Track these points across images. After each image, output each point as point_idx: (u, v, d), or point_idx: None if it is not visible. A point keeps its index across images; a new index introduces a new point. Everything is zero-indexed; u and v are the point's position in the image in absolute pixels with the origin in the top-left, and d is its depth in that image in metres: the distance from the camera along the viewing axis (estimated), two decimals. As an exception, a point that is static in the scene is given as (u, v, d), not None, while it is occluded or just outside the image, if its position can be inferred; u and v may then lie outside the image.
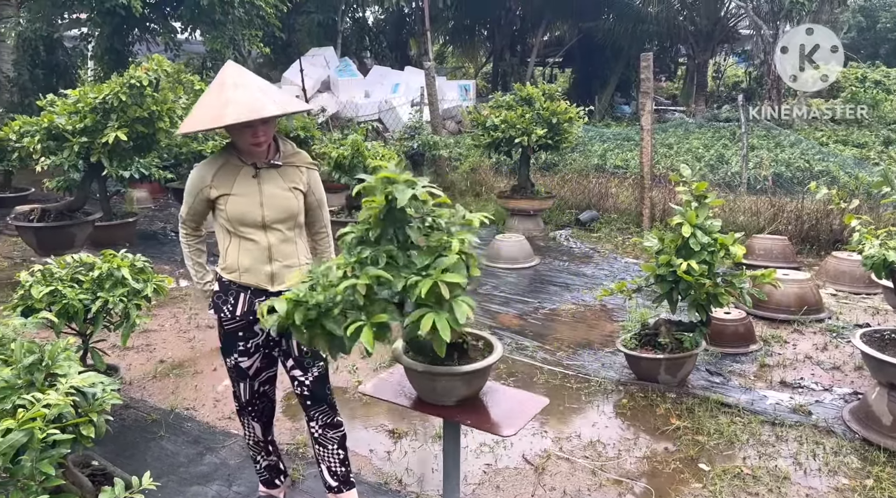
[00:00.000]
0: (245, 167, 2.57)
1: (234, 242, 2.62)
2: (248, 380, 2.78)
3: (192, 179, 2.62)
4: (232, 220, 2.56)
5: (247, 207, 2.55)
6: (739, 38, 22.13)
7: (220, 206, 2.58)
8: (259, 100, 2.41)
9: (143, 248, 6.87)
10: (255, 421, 2.88)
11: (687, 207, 3.97)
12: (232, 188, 2.55)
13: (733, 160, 10.84)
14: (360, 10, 20.88)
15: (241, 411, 2.88)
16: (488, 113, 8.53)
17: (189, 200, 2.66)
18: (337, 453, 2.83)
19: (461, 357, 2.41)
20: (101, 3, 9.94)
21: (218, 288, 2.70)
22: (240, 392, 2.81)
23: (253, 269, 2.60)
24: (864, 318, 5.50)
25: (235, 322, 2.68)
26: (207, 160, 2.64)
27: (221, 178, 2.56)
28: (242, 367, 2.74)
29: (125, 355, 4.76)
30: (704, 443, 3.60)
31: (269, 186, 2.58)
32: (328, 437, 2.81)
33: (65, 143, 6.02)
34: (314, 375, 2.74)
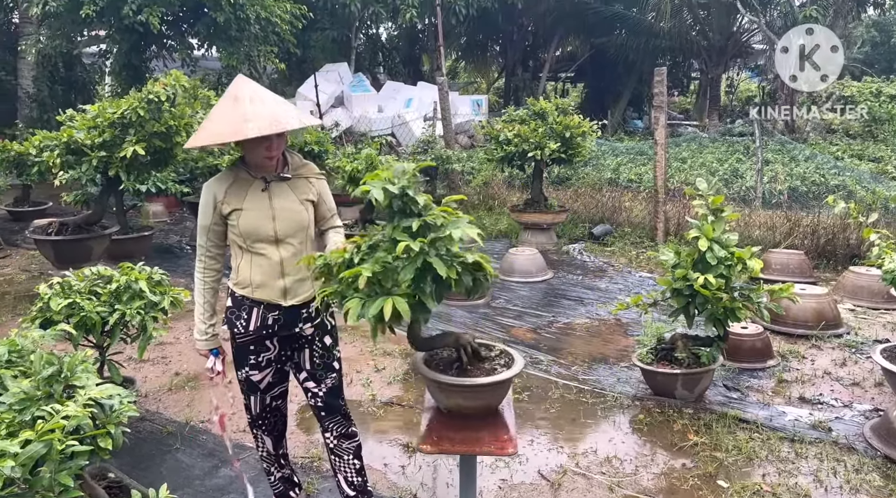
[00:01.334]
0: (255, 182, 2.58)
1: (245, 258, 2.62)
2: (260, 393, 2.77)
3: (205, 197, 2.61)
4: (244, 235, 2.56)
5: (259, 222, 2.55)
6: (752, 53, 22.09)
7: (231, 221, 2.58)
8: (278, 113, 2.42)
9: (159, 261, 6.89)
10: (267, 435, 2.87)
11: (703, 221, 3.95)
12: (243, 203, 2.55)
13: (748, 174, 10.80)
14: (374, 26, 21.07)
15: (252, 424, 2.87)
16: (501, 127, 8.55)
17: (205, 222, 2.62)
18: (353, 464, 2.84)
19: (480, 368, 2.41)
20: (120, 21, 10.11)
21: (230, 303, 2.69)
22: (251, 405, 2.80)
23: (266, 284, 2.60)
24: (883, 333, 5.43)
25: (248, 336, 2.67)
26: (217, 177, 2.64)
27: (233, 194, 2.56)
28: (253, 380, 2.73)
29: (141, 367, 4.78)
30: (723, 459, 3.56)
31: (280, 200, 2.58)
32: (343, 447, 2.82)
33: (83, 158, 6.10)
34: (328, 387, 2.75)
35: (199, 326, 2.74)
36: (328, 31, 17.32)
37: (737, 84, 23.96)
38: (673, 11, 18.42)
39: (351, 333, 5.49)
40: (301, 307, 2.66)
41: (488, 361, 2.49)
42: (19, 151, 7.02)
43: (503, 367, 2.45)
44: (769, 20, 16.98)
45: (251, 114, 2.40)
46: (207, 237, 2.65)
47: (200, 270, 2.71)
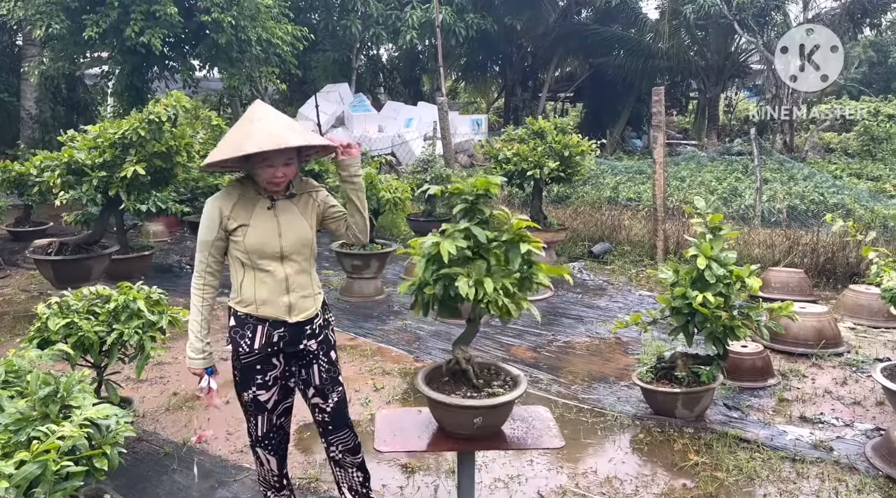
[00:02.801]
0: (261, 199, 2.59)
1: (248, 275, 2.60)
2: (267, 413, 2.74)
3: (209, 212, 2.59)
4: (250, 251, 2.56)
5: (265, 238, 2.55)
6: (750, 73, 22.28)
7: (236, 237, 2.56)
8: (280, 132, 2.43)
9: (159, 280, 6.89)
10: (272, 454, 2.83)
11: (702, 239, 3.95)
12: (250, 219, 2.55)
13: (747, 193, 10.83)
14: (375, 47, 21.28)
15: (256, 445, 2.83)
16: (500, 146, 8.59)
17: (208, 237, 2.60)
18: (357, 476, 2.85)
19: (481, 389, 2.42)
20: (123, 42, 10.22)
21: (234, 322, 2.66)
22: (257, 426, 2.76)
23: (270, 301, 2.59)
24: (884, 352, 5.41)
25: (254, 356, 2.65)
26: (222, 192, 2.63)
27: (239, 210, 2.56)
28: (261, 400, 2.70)
29: (139, 387, 4.76)
30: (723, 479, 3.53)
31: (286, 217, 2.60)
32: (348, 461, 2.83)
33: (84, 178, 6.12)
34: (334, 401, 2.76)
35: (194, 345, 2.70)
36: (329, 53, 17.50)
37: (735, 103, 24.11)
38: (671, 32, 18.61)
39: (349, 352, 5.48)
40: (305, 324, 2.66)
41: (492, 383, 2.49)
42: (20, 172, 7.06)
43: (507, 388, 2.46)
44: (766, 40, 17.13)
45: (253, 132, 2.43)
46: (209, 252, 2.62)
47: (199, 286, 2.67)
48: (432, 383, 2.57)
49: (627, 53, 19.66)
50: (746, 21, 16.29)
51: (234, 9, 10.63)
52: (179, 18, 10.21)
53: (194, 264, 2.68)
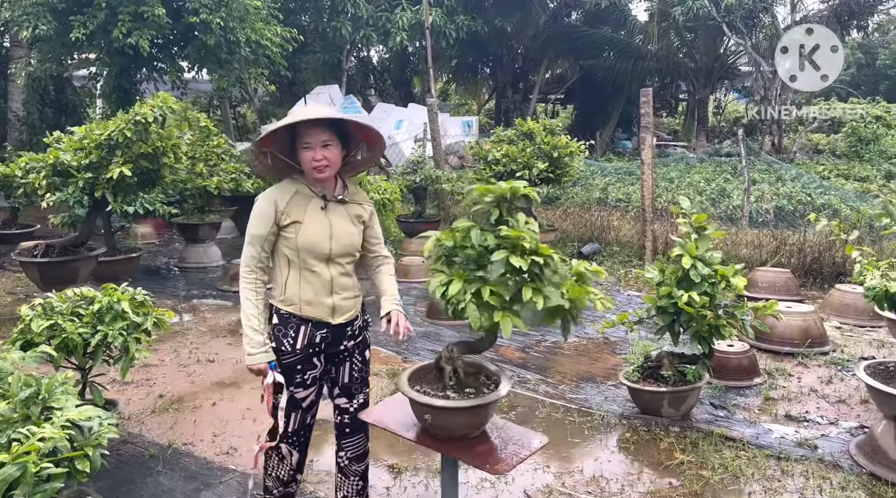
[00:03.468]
0: (315, 198, 2.58)
1: (294, 274, 2.58)
2: (301, 411, 2.71)
3: (263, 206, 2.54)
4: (300, 249, 2.53)
5: (317, 238, 2.54)
6: (739, 75, 22.41)
7: (288, 234, 2.53)
8: (322, 111, 2.51)
9: (146, 283, 6.86)
10: (297, 450, 2.78)
11: (687, 239, 3.97)
12: (304, 217, 2.54)
13: (735, 194, 10.88)
14: (365, 49, 21.28)
15: (279, 442, 2.73)
16: (490, 147, 8.61)
17: (261, 232, 2.54)
18: (356, 483, 2.86)
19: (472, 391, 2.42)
20: (110, 44, 10.17)
21: (276, 321, 2.63)
22: (288, 423, 2.71)
23: (315, 301, 2.57)
24: (869, 350, 5.44)
25: (296, 355, 2.61)
26: (278, 187, 2.60)
27: (294, 206, 2.54)
28: (297, 398, 2.67)
29: (125, 390, 4.73)
30: (709, 478, 3.54)
31: (337, 220, 2.60)
32: (353, 469, 2.84)
33: (70, 179, 6.09)
34: (359, 402, 2.78)
35: (253, 339, 2.56)
36: (319, 55, 17.48)
37: (724, 105, 24.25)
38: (660, 34, 18.70)
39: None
40: (346, 325, 2.67)
41: (476, 383, 2.49)
42: (5, 173, 7.01)
43: (490, 388, 2.46)
44: (755, 42, 17.24)
45: (299, 113, 2.52)
46: (262, 247, 2.57)
47: (252, 280, 2.58)
48: (418, 381, 2.56)
49: (617, 55, 19.75)
50: (735, 23, 16.39)
51: (222, 10, 10.60)
52: (167, 20, 10.18)
53: (242, 259, 2.61)
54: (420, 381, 2.53)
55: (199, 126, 8.73)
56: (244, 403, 4.51)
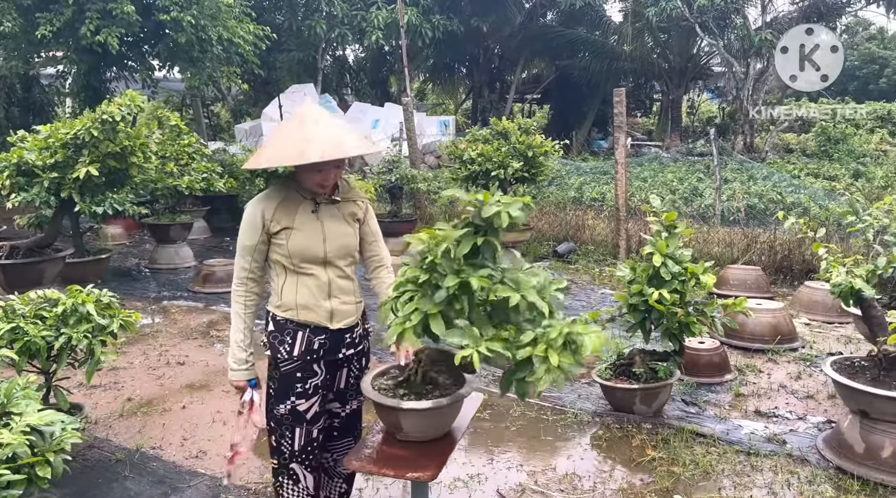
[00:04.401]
0: (305, 202, 2.49)
1: (290, 279, 2.50)
2: (306, 425, 2.56)
3: (252, 215, 2.48)
4: (293, 255, 2.46)
5: (309, 242, 2.46)
6: (712, 75, 22.70)
7: (279, 240, 2.47)
8: (343, 139, 2.36)
9: (116, 284, 6.78)
10: (310, 471, 2.61)
11: (657, 237, 3.99)
12: (294, 222, 2.46)
13: (707, 193, 11.01)
14: (341, 48, 21.16)
15: (287, 463, 2.59)
16: (465, 146, 8.60)
17: (251, 242, 2.49)
18: (340, 486, 2.81)
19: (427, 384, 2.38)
20: (78, 41, 9.98)
21: (272, 327, 2.54)
22: (293, 439, 2.56)
23: (312, 306, 2.49)
24: (836, 346, 5.53)
25: (293, 363, 2.51)
26: (265, 194, 2.53)
27: (282, 212, 2.46)
28: (300, 410, 2.54)
29: (92, 393, 4.64)
30: (680, 474, 3.57)
31: (330, 221, 2.51)
32: (338, 470, 2.78)
33: (35, 179, 5.97)
34: (352, 408, 2.72)
35: (237, 355, 2.53)
36: (294, 53, 17.35)
37: (697, 105, 24.53)
38: (634, 35, 18.87)
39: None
40: (346, 331, 2.57)
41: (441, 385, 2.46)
42: (-32, 173, 6.86)
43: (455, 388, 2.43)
44: (727, 43, 17.47)
45: (315, 136, 2.31)
46: (252, 258, 2.50)
47: (241, 294, 2.53)
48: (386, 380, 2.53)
49: (592, 55, 19.88)
50: (707, 24, 16.59)
51: (193, 8, 10.45)
52: (137, 17, 10.01)
53: (234, 270, 2.55)
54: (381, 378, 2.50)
55: (170, 125, 8.61)
56: (215, 406, 4.45)
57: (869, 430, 3.49)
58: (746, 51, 17.09)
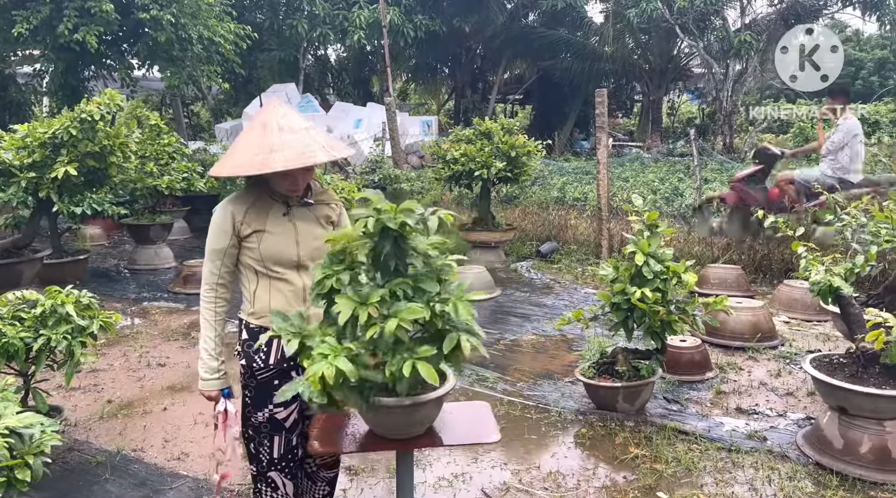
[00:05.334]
0: (276, 204, 2.45)
1: (263, 284, 2.45)
2: (285, 433, 2.51)
3: (221, 217, 2.42)
4: (265, 258, 2.41)
5: (281, 246, 2.41)
6: (692, 76, 22.89)
7: (250, 244, 2.41)
8: (308, 145, 2.28)
9: (95, 285, 6.70)
10: (289, 478, 2.56)
11: (639, 236, 4.02)
12: (265, 225, 2.41)
13: (688, 193, 11.10)
14: (322, 48, 21.09)
15: (266, 470, 2.55)
16: (448, 146, 8.61)
17: (220, 245, 2.43)
18: (322, 489, 2.78)
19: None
20: (55, 39, 9.85)
21: (246, 335, 2.49)
22: (272, 447, 2.52)
23: (286, 311, 2.37)
24: (815, 344, 5.61)
25: (269, 371, 2.46)
26: (235, 196, 2.48)
27: (253, 215, 2.41)
28: (278, 418, 2.49)
29: (71, 396, 4.58)
30: (662, 471, 3.60)
31: (303, 224, 2.46)
32: (321, 475, 2.74)
33: (12, 179, 5.88)
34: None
35: (208, 363, 2.48)
36: (275, 52, 17.25)
37: (678, 106, 24.74)
38: (615, 36, 18.97)
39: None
40: None
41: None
42: (-56, 173, 6.73)
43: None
44: (707, 45, 17.63)
45: (279, 144, 2.25)
46: (222, 262, 2.44)
47: (211, 300, 2.47)
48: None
49: (574, 56, 19.97)
50: (687, 25, 16.74)
51: (173, 6, 10.36)
52: (116, 15, 9.90)
53: (203, 276, 2.48)
54: None
55: (150, 124, 8.52)
56: (196, 408, 4.41)
57: (847, 426, 3.55)
58: (726, 52, 17.28)
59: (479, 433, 2.31)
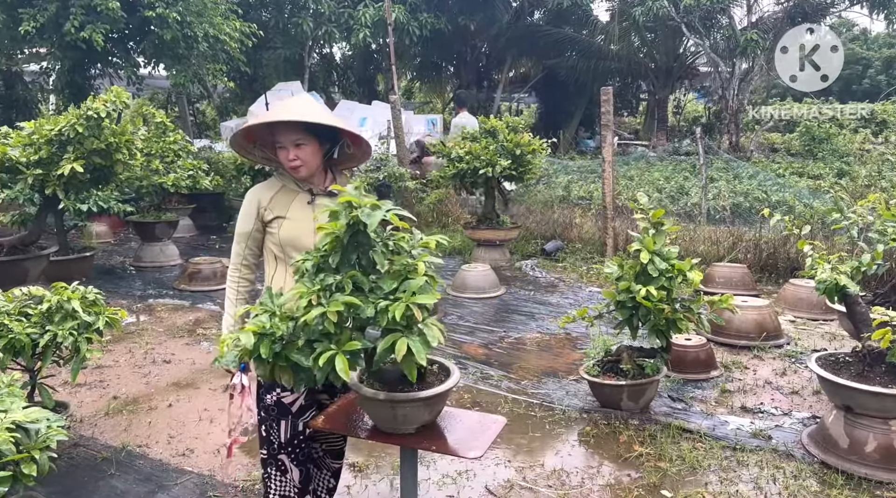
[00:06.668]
0: (301, 193, 2.54)
1: (280, 269, 2.55)
2: (291, 417, 2.56)
3: (248, 202, 2.56)
4: (283, 244, 2.51)
5: (300, 232, 2.50)
6: (698, 75, 22.80)
7: (272, 229, 2.53)
8: (292, 109, 2.42)
9: (101, 282, 6.72)
10: (296, 464, 2.61)
11: (645, 234, 4.01)
12: (287, 212, 2.51)
13: (693, 191, 11.07)
14: (328, 46, 21.05)
15: (274, 454, 2.60)
16: (453, 144, 8.60)
17: (245, 229, 2.56)
18: (328, 480, 2.79)
19: (420, 382, 2.36)
20: (62, 37, 9.86)
21: None
22: (279, 431, 2.57)
23: None
24: (821, 343, 5.59)
25: None
26: (264, 183, 2.60)
27: (277, 201, 2.53)
28: (285, 403, 2.54)
29: (77, 392, 4.60)
30: (667, 469, 3.59)
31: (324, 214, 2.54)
32: (327, 462, 2.76)
33: (19, 176, 5.90)
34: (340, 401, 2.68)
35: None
36: (280, 50, 17.23)
37: (684, 105, 24.66)
38: (621, 34, 18.91)
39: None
40: None
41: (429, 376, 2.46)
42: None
43: (440, 382, 2.42)
44: (713, 43, 17.55)
45: (278, 107, 2.48)
46: (246, 245, 2.58)
47: (235, 280, 2.62)
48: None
49: (579, 55, 19.90)
50: (693, 24, 16.67)
51: (179, 4, 10.37)
52: (122, 13, 9.91)
53: (231, 256, 2.62)
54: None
55: (155, 122, 8.54)
56: (201, 404, 4.43)
57: (853, 425, 3.53)
58: (732, 50, 17.19)
59: (470, 446, 2.30)
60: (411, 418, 2.28)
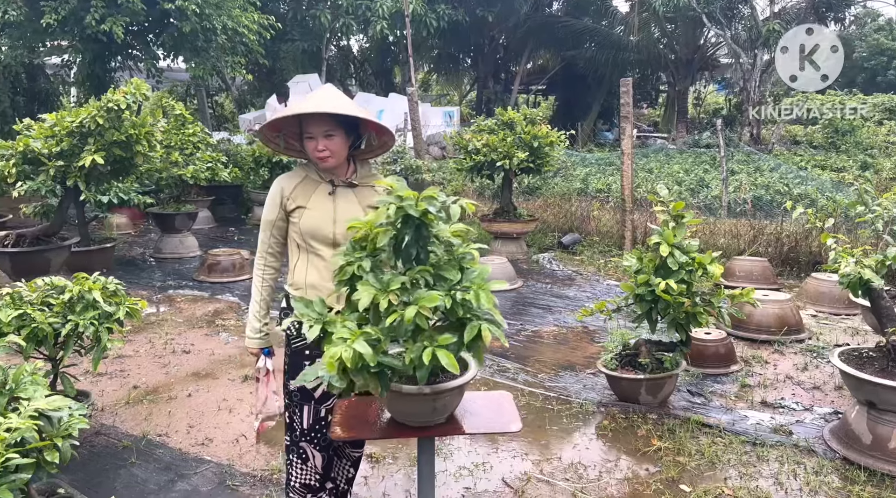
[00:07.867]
0: (323, 184, 2.56)
1: (302, 258, 2.58)
2: (314, 403, 2.59)
3: (273, 191, 2.60)
4: (304, 233, 2.53)
5: (320, 222, 2.52)
6: (719, 66, 22.55)
7: (294, 218, 2.56)
8: (317, 101, 2.42)
9: (121, 273, 6.79)
10: (318, 450, 2.63)
11: (664, 227, 3.97)
12: (308, 202, 2.53)
13: (713, 184, 10.96)
14: (345, 38, 21.09)
15: (296, 442, 2.62)
16: (470, 137, 8.57)
17: (270, 217, 2.60)
18: (348, 470, 2.81)
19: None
20: (83, 30, 9.96)
21: (284, 304, 2.65)
22: (302, 417, 2.60)
23: (319, 286, 2.52)
24: (843, 338, 5.51)
25: (302, 340, 2.53)
26: (288, 173, 2.63)
27: (300, 191, 2.55)
28: (307, 388, 2.51)
29: (98, 381, 4.66)
30: (686, 464, 3.56)
31: (344, 204, 2.55)
32: (346, 452, 2.77)
33: (41, 168, 5.97)
34: None
35: (252, 324, 2.66)
36: (298, 43, 17.29)
37: (704, 96, 24.39)
38: (641, 25, 18.75)
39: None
40: None
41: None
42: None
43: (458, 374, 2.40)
44: (734, 34, 17.35)
45: (307, 99, 2.44)
46: (271, 233, 2.62)
47: (261, 266, 2.67)
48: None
49: (598, 46, 19.76)
50: (714, 14, 16.47)
51: (198, -4, 10.45)
52: (142, 6, 9.99)
53: (258, 244, 2.67)
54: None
55: (174, 114, 8.60)
56: (220, 394, 4.46)
57: (876, 420, 3.48)
58: (754, 41, 16.97)
59: (502, 422, 2.30)
60: (448, 407, 2.25)
